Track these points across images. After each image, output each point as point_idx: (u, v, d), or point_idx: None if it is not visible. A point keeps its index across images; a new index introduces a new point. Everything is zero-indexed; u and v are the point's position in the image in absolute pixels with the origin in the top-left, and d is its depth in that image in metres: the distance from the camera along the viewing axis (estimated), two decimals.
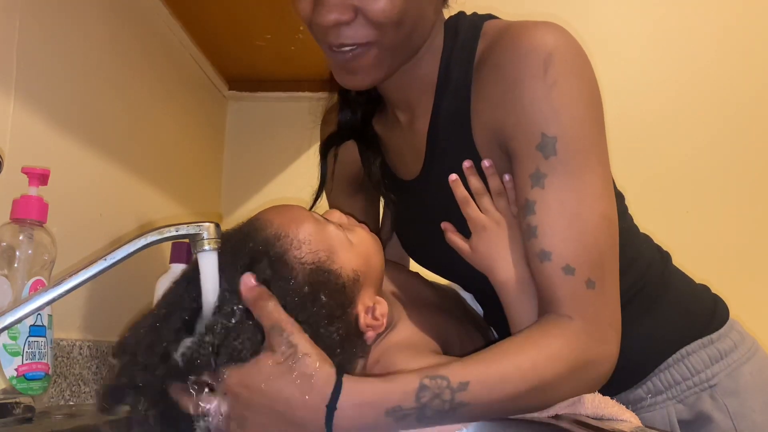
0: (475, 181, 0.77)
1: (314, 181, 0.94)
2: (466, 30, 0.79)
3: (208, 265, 0.62)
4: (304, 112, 1.69)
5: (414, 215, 0.88)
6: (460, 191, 0.78)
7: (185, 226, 0.62)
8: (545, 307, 0.70)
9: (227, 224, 0.69)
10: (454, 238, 0.80)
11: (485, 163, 0.76)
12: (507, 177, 0.76)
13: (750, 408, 0.82)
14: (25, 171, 0.77)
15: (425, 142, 0.81)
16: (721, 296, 0.92)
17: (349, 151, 0.93)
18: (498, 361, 0.64)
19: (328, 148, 0.92)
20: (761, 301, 1.52)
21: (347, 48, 0.71)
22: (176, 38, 1.39)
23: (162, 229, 0.61)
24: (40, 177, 0.77)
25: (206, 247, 0.61)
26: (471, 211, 0.77)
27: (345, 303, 0.68)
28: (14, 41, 0.84)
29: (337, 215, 0.77)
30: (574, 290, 0.68)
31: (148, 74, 1.26)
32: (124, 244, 0.60)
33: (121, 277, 1.10)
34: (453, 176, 0.78)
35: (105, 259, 0.60)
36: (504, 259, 0.75)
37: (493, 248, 0.76)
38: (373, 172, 0.90)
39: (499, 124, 0.73)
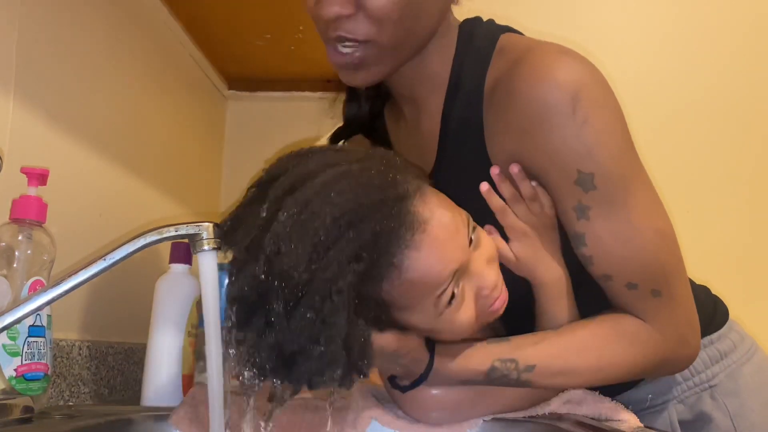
0: (507, 189, 0.75)
1: None
2: (482, 38, 0.78)
3: (208, 265, 0.62)
4: (304, 112, 1.70)
5: None
6: (495, 201, 0.75)
7: (184, 226, 0.61)
8: (617, 311, 0.75)
9: None
10: (501, 247, 0.77)
11: (514, 168, 0.73)
12: (534, 183, 0.74)
13: (749, 408, 0.82)
14: (25, 171, 0.77)
15: (436, 144, 0.80)
16: (720, 296, 0.92)
17: (362, 145, 0.93)
18: (565, 353, 0.72)
19: (335, 142, 0.91)
20: (761, 301, 1.52)
21: (348, 47, 0.71)
22: (176, 38, 1.39)
23: (161, 229, 0.61)
24: (40, 177, 0.77)
25: (205, 247, 0.61)
26: (509, 219, 0.75)
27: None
28: (14, 41, 0.84)
29: (488, 246, 0.70)
30: (641, 300, 0.73)
31: (148, 74, 1.26)
32: (124, 244, 0.60)
33: (120, 277, 1.10)
34: (485, 186, 0.75)
35: (104, 259, 0.59)
36: (546, 262, 0.76)
37: (535, 254, 0.76)
38: None
39: (523, 154, 0.72)
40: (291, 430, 0.74)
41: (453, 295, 0.65)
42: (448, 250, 0.63)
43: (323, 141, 0.94)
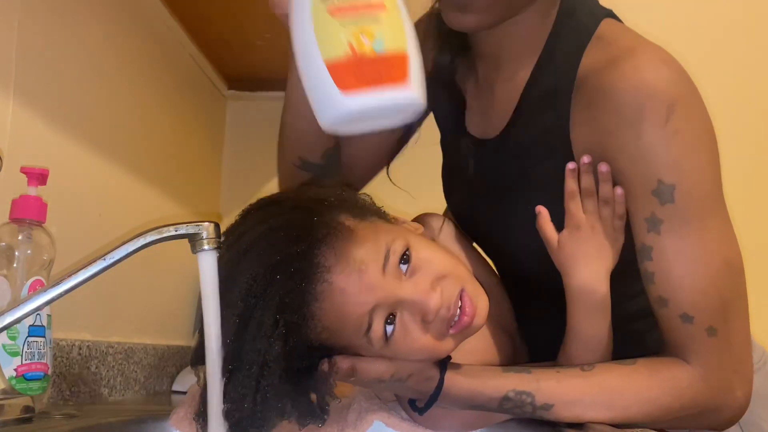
0: (586, 180, 0.73)
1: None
2: (584, 15, 0.76)
3: (208, 264, 0.61)
4: None
5: (475, 176, 0.84)
6: (571, 183, 0.74)
7: (184, 225, 0.61)
8: (666, 349, 0.71)
9: (227, 224, 0.68)
10: (545, 227, 0.75)
11: (602, 167, 0.71)
12: (619, 191, 0.72)
13: (758, 416, 0.82)
14: (24, 171, 0.77)
15: (512, 108, 0.78)
16: None
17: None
18: (590, 397, 0.68)
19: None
20: (761, 302, 1.51)
21: None
22: (175, 38, 1.39)
23: (161, 229, 0.61)
24: (39, 177, 0.77)
25: (205, 246, 0.61)
26: (573, 206, 0.73)
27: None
28: (14, 41, 0.84)
29: (435, 264, 0.66)
30: (693, 338, 0.69)
31: (148, 74, 1.26)
32: (123, 243, 0.60)
33: (120, 276, 1.10)
34: (572, 165, 0.73)
35: (104, 259, 0.59)
36: (586, 267, 0.73)
37: (579, 251, 0.73)
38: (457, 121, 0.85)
39: (606, 151, 0.71)
40: (290, 428, 0.74)
41: (389, 329, 0.64)
42: (353, 294, 0.62)
43: None
